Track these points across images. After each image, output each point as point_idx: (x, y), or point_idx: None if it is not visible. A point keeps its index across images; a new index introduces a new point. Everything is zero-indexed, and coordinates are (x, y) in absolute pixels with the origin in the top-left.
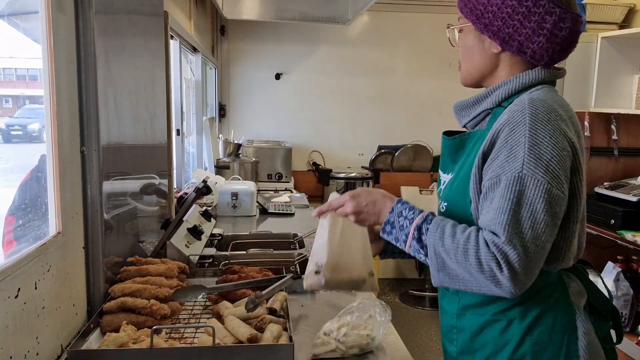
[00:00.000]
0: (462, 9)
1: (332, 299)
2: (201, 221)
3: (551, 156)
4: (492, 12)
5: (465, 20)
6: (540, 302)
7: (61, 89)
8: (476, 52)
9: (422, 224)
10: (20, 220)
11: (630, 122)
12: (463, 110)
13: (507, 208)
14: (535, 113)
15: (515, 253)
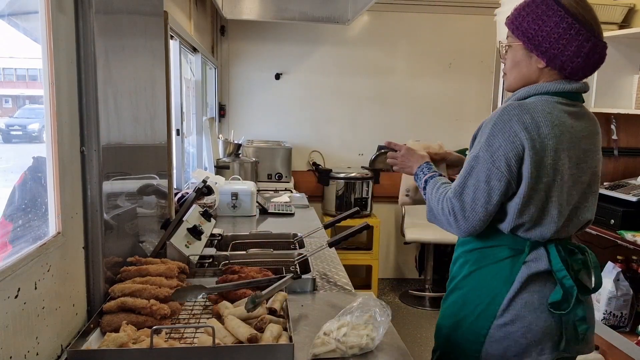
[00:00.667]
0: (514, 30)
1: (332, 299)
2: (201, 221)
3: (498, 146)
4: (542, 36)
5: (515, 39)
6: (489, 256)
7: (61, 89)
8: (523, 66)
9: (429, 179)
10: (14, 223)
11: (630, 122)
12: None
13: (462, 175)
14: (502, 115)
15: (459, 205)
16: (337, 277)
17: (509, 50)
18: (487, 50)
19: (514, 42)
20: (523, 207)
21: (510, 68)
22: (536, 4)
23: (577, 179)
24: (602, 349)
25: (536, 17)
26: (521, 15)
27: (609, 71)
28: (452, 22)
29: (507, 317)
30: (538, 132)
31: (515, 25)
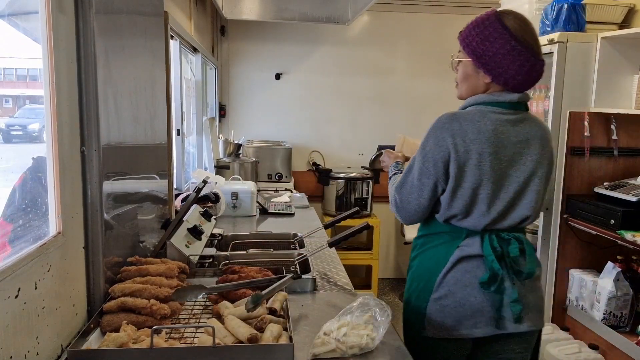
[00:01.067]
0: (465, 47)
1: (332, 299)
2: (201, 221)
3: (429, 149)
4: (489, 56)
5: (466, 55)
6: (430, 241)
7: (61, 89)
8: (472, 80)
9: (391, 176)
10: (14, 224)
11: (630, 122)
12: None
13: (404, 174)
14: (435, 124)
15: (398, 197)
16: (337, 277)
17: (460, 64)
18: None
19: (464, 58)
20: (451, 200)
21: (461, 80)
22: (485, 25)
23: (512, 178)
24: (602, 349)
25: (484, 38)
26: (472, 34)
27: (609, 71)
28: (452, 22)
29: (441, 292)
30: (464, 138)
31: (466, 42)
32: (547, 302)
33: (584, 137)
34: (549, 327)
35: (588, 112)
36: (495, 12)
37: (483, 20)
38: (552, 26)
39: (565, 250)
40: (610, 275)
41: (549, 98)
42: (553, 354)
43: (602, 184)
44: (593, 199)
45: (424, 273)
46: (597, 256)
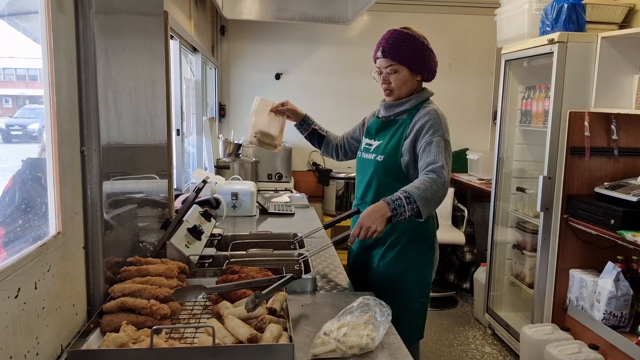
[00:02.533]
0: (400, 60)
1: (332, 299)
2: (201, 221)
3: (448, 132)
4: (420, 62)
5: (400, 66)
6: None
7: (61, 89)
8: (410, 83)
9: (407, 198)
10: (6, 228)
11: (630, 122)
12: (391, 108)
13: (438, 151)
14: (441, 116)
15: (446, 169)
16: (337, 278)
17: (396, 74)
18: (487, 50)
19: (399, 68)
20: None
21: (400, 86)
22: (409, 40)
23: None
24: (602, 349)
25: (412, 49)
26: (401, 49)
27: (609, 71)
28: (452, 22)
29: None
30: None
31: (399, 57)
32: (547, 302)
33: (584, 137)
34: (549, 327)
35: (588, 112)
36: (401, 29)
37: (404, 36)
38: (552, 26)
39: (565, 250)
40: (610, 275)
41: (549, 98)
42: (553, 354)
43: (602, 184)
44: (593, 199)
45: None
46: (597, 256)
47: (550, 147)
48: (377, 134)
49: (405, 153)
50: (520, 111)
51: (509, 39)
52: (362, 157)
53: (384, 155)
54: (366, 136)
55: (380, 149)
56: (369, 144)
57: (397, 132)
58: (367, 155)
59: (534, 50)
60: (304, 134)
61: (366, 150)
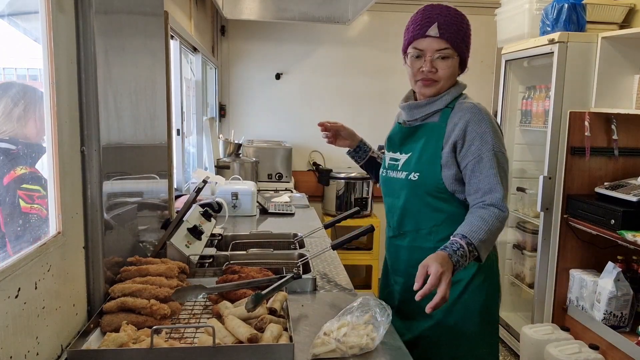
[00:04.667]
0: (457, 45)
1: (332, 299)
2: (201, 221)
3: (499, 137)
4: (468, 51)
5: (454, 52)
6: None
7: (61, 89)
8: (454, 75)
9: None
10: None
11: (630, 122)
12: (417, 109)
13: (494, 173)
14: (487, 113)
15: (506, 197)
16: (337, 277)
17: (446, 60)
18: (487, 50)
19: (452, 54)
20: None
21: (448, 76)
22: (464, 23)
23: None
24: (602, 349)
25: (468, 35)
26: (459, 32)
27: (609, 71)
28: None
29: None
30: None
31: (456, 40)
32: (548, 302)
33: (585, 137)
34: (549, 327)
35: (588, 112)
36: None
37: (459, 16)
38: (553, 26)
39: (565, 250)
40: (610, 276)
41: (549, 98)
42: (553, 354)
43: (602, 184)
44: (593, 199)
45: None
46: (598, 256)
47: (551, 147)
48: (403, 144)
49: (447, 166)
50: (521, 111)
51: (509, 39)
52: (388, 176)
53: (419, 173)
54: (389, 149)
55: (412, 165)
56: (394, 159)
57: (430, 140)
58: (395, 174)
59: (534, 50)
60: (360, 163)
61: (393, 168)
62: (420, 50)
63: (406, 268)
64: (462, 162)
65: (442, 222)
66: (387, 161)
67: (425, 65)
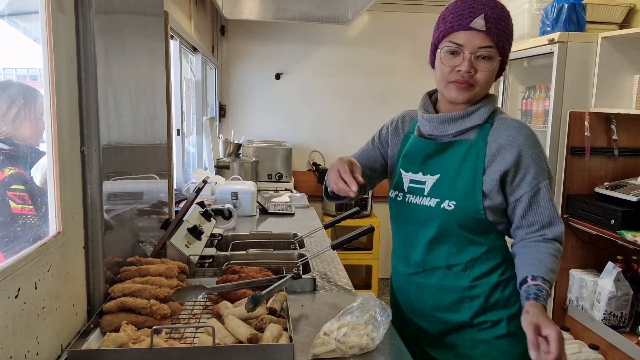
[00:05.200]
0: (502, 45)
1: (332, 299)
2: (201, 221)
3: (546, 160)
4: (509, 50)
5: (496, 52)
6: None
7: (61, 88)
8: (492, 81)
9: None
10: None
11: (630, 122)
12: (451, 122)
13: (552, 204)
14: (533, 131)
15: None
16: (337, 277)
17: (488, 62)
18: None
19: (495, 55)
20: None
21: (487, 80)
22: (510, 21)
23: None
24: (602, 349)
25: (511, 36)
26: (506, 31)
27: (609, 71)
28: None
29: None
30: None
31: (502, 40)
32: (548, 301)
33: (585, 137)
34: None
35: (588, 112)
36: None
37: (507, 13)
38: (553, 26)
39: (565, 250)
40: (610, 276)
41: (549, 98)
42: None
43: (602, 184)
44: (593, 199)
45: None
46: (597, 256)
47: (551, 147)
48: (427, 163)
49: (491, 195)
50: (521, 111)
51: None
52: (408, 202)
53: (456, 201)
54: (407, 168)
55: (444, 190)
56: (416, 181)
57: (467, 161)
58: (419, 200)
59: (534, 50)
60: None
61: (415, 192)
62: (458, 45)
63: (433, 311)
64: (515, 192)
65: (480, 257)
66: (404, 182)
67: (463, 64)
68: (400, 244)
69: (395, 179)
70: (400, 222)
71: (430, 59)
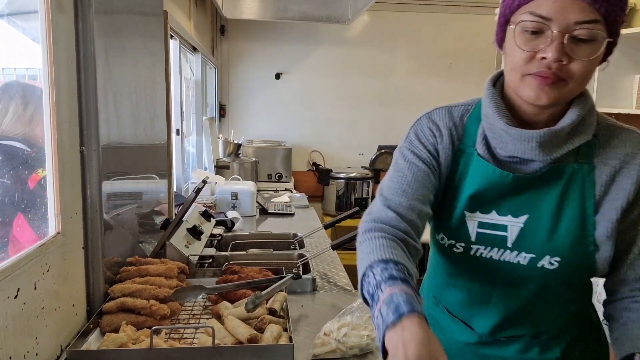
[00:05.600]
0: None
1: (332, 300)
2: (201, 221)
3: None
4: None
5: (602, 30)
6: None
7: (61, 88)
8: (593, 71)
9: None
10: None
11: (630, 122)
12: (553, 143)
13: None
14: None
15: None
16: (337, 277)
17: (593, 45)
18: (487, 50)
19: (600, 35)
20: None
21: (585, 76)
22: None
23: None
24: None
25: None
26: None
27: (609, 71)
28: (452, 22)
29: None
30: None
31: (616, 9)
32: None
33: None
34: None
35: None
36: None
37: None
38: None
39: None
40: None
41: None
42: None
43: None
44: None
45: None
46: None
47: None
48: (509, 199)
49: (606, 242)
50: None
51: None
52: (477, 255)
53: (561, 256)
54: (473, 206)
55: (541, 239)
56: (490, 224)
57: (569, 195)
58: (496, 254)
59: None
60: None
61: (490, 242)
62: (544, 19)
63: None
64: (628, 232)
65: (572, 319)
66: (469, 229)
67: (552, 49)
68: (457, 302)
69: (453, 223)
70: (459, 277)
71: (497, 37)
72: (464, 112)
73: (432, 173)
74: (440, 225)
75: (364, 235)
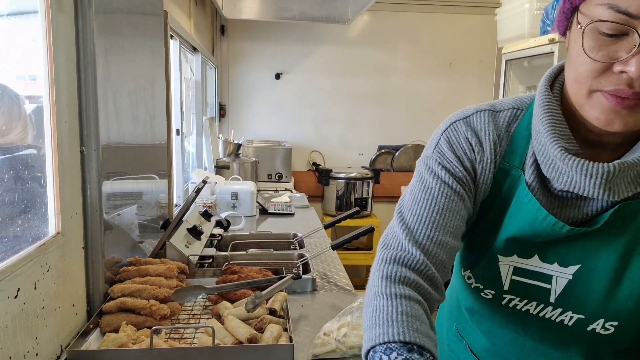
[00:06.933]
0: None
1: (332, 299)
2: (201, 221)
3: None
4: None
5: None
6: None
7: (61, 88)
8: None
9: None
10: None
11: None
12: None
13: None
14: None
15: None
16: (337, 278)
17: None
18: (487, 50)
19: None
20: None
21: None
22: None
23: None
24: None
25: None
26: None
27: None
28: (452, 22)
29: None
30: None
31: None
32: None
33: None
34: None
35: None
36: None
37: None
38: (553, 26)
39: None
40: None
41: None
42: None
43: None
44: None
45: None
46: None
47: None
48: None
49: None
50: None
51: (509, 39)
52: (509, 305)
53: (619, 320)
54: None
55: (596, 298)
56: (530, 272)
57: (637, 246)
58: (534, 308)
59: (535, 49)
60: None
61: (527, 294)
62: (630, 17)
63: None
64: None
65: None
66: (502, 274)
67: (635, 60)
68: (482, 347)
69: (482, 263)
70: (485, 321)
71: (559, 24)
72: (512, 119)
73: (468, 197)
74: (465, 260)
75: (381, 284)
